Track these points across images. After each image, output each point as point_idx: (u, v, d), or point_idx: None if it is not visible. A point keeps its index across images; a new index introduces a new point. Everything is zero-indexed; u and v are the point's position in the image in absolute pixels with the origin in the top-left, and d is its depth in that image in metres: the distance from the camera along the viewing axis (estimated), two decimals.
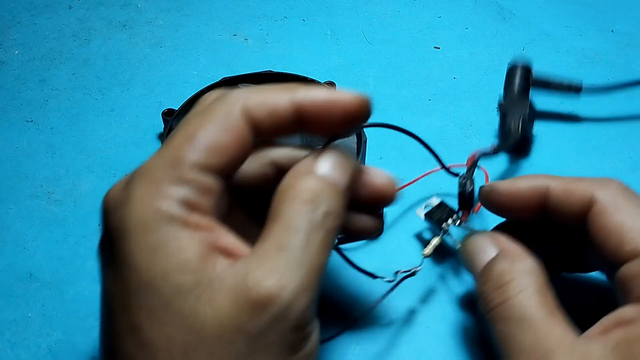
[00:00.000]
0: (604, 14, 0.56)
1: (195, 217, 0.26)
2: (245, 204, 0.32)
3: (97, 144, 0.47)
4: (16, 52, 0.54)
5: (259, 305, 0.24)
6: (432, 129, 0.48)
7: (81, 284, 0.39)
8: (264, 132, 0.28)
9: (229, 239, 0.26)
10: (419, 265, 0.34)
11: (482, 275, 0.32)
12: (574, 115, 0.49)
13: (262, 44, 0.55)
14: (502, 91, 0.48)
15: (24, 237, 0.41)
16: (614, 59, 0.53)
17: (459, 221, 0.37)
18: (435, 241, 0.36)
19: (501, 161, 0.46)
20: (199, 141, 0.26)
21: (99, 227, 0.41)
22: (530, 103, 0.45)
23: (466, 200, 0.37)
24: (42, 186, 0.44)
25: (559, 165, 0.45)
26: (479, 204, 0.36)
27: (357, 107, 0.28)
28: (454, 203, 0.38)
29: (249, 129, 0.27)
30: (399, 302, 0.38)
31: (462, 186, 0.37)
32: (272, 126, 0.28)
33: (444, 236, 0.37)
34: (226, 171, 0.27)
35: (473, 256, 0.33)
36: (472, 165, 0.38)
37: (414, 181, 0.41)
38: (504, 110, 0.45)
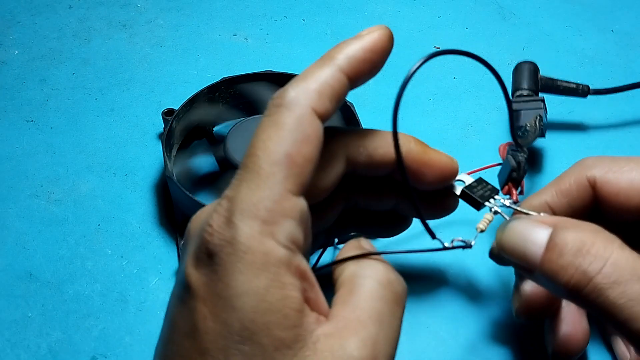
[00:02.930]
0: (604, 14, 0.56)
1: (297, 260, 0.24)
2: None
3: (97, 144, 0.47)
4: (16, 52, 0.54)
5: None
6: (432, 129, 0.48)
7: (81, 284, 0.39)
8: (331, 116, 0.26)
9: (315, 291, 0.25)
10: (473, 239, 0.31)
11: (550, 252, 0.27)
12: (579, 124, 0.49)
13: (262, 44, 0.55)
14: (503, 96, 0.48)
15: (24, 237, 0.41)
16: (614, 59, 0.53)
17: (509, 200, 0.32)
18: (489, 216, 0.32)
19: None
20: (292, 161, 0.25)
21: (99, 226, 0.41)
22: (543, 100, 0.43)
23: (520, 177, 0.33)
24: (42, 186, 0.44)
25: None
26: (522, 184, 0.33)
27: (389, 40, 0.29)
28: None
29: (321, 126, 0.26)
30: None
31: (520, 159, 0.33)
32: (337, 106, 0.27)
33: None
34: (312, 183, 0.26)
35: (523, 242, 0.28)
36: (518, 147, 0.34)
37: (475, 171, 0.37)
38: (515, 108, 0.43)
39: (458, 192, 0.34)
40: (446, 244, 0.30)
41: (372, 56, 0.28)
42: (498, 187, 0.34)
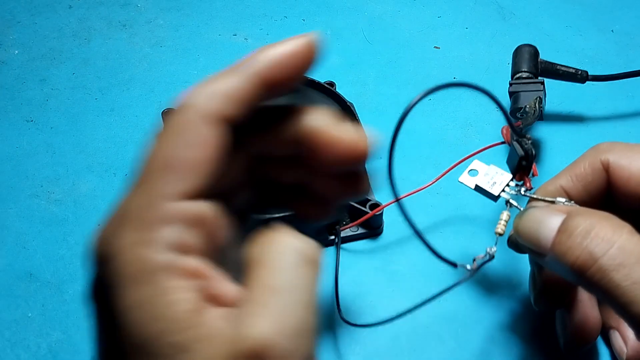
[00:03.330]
0: (604, 14, 0.56)
1: (188, 262, 0.24)
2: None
3: (97, 144, 0.47)
4: (16, 52, 0.54)
5: (256, 355, 0.22)
6: (432, 128, 0.48)
7: (81, 284, 0.39)
8: (237, 121, 0.26)
9: (222, 285, 0.25)
10: (494, 246, 0.31)
11: (561, 234, 0.28)
12: (579, 116, 0.49)
13: (262, 44, 0.54)
14: (504, 96, 0.48)
15: (24, 237, 0.41)
16: (614, 59, 0.53)
17: (523, 188, 0.33)
18: (505, 216, 0.32)
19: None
20: (172, 166, 0.24)
21: (99, 226, 0.41)
22: (543, 83, 0.43)
23: (530, 164, 0.33)
24: (42, 186, 0.44)
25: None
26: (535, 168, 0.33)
27: (311, 48, 0.27)
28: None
29: (218, 130, 0.25)
30: (399, 302, 0.38)
31: (527, 147, 0.33)
32: (244, 111, 0.26)
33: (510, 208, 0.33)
34: (209, 188, 0.25)
35: (538, 227, 0.29)
36: (520, 130, 0.34)
37: (477, 152, 0.39)
38: (515, 90, 0.43)
39: (470, 184, 0.34)
40: (469, 267, 0.31)
41: (289, 61, 0.27)
42: (509, 173, 0.33)
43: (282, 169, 0.30)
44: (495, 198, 0.33)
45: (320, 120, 0.28)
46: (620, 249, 0.26)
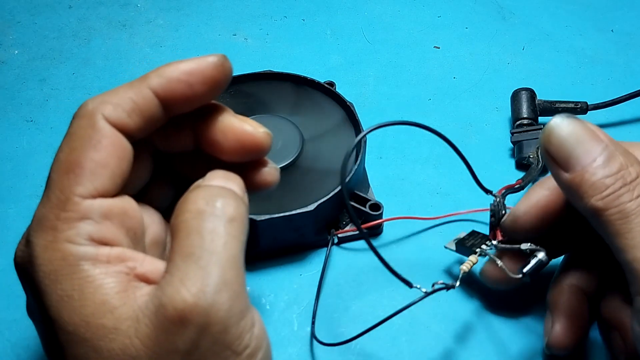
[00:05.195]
0: (604, 14, 0.56)
1: (105, 251, 0.25)
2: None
3: None
4: (16, 52, 0.54)
5: (180, 320, 0.23)
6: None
7: None
8: (137, 131, 0.27)
9: (147, 264, 0.26)
10: (457, 281, 0.33)
11: (603, 169, 0.28)
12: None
13: (262, 44, 0.55)
14: (503, 96, 0.48)
15: None
16: (614, 58, 0.53)
17: (495, 242, 0.35)
18: (473, 258, 0.35)
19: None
20: (80, 168, 0.26)
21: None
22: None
23: (497, 221, 0.35)
24: (42, 186, 0.43)
25: None
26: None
27: (217, 73, 0.27)
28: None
29: (121, 133, 0.27)
30: (399, 301, 0.38)
31: (495, 206, 0.35)
32: (142, 122, 0.27)
33: (480, 257, 0.35)
34: (120, 185, 0.27)
35: (575, 144, 0.29)
36: (504, 194, 0.36)
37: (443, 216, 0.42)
38: (517, 139, 0.45)
39: (453, 247, 0.37)
40: (425, 290, 0.32)
41: (190, 79, 0.27)
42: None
43: (190, 164, 0.31)
44: (471, 254, 0.35)
45: (219, 116, 0.29)
46: None
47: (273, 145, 0.35)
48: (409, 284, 0.32)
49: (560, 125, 0.29)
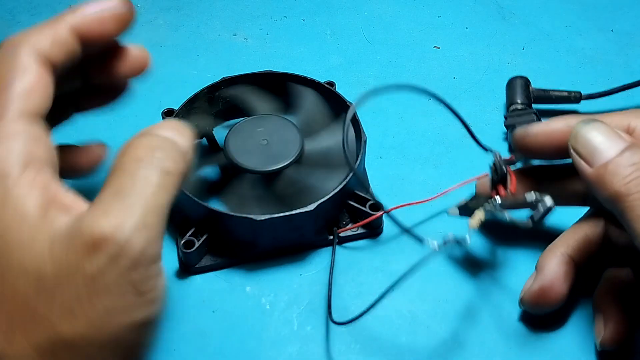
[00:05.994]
0: (604, 13, 0.56)
1: (31, 173, 0.27)
2: None
3: None
4: None
5: (93, 246, 0.25)
6: (432, 128, 0.48)
7: None
8: (58, 62, 0.30)
9: (68, 197, 0.27)
10: (467, 235, 0.34)
11: (625, 159, 0.31)
12: (574, 111, 0.49)
13: (262, 44, 0.55)
14: (503, 96, 0.48)
15: None
16: (614, 58, 0.53)
17: (500, 200, 0.35)
18: (479, 214, 0.35)
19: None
20: (10, 91, 0.28)
21: None
22: (536, 113, 0.45)
23: (498, 177, 0.36)
24: None
25: None
26: (514, 183, 0.36)
27: (125, 11, 0.33)
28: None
29: (44, 63, 0.29)
30: (399, 301, 0.38)
31: (496, 162, 0.36)
32: (63, 55, 0.30)
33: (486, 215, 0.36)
34: (44, 112, 0.29)
35: (600, 140, 0.32)
36: (513, 163, 0.38)
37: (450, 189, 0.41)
38: (511, 123, 0.45)
39: (456, 212, 0.38)
40: (436, 243, 0.34)
41: (102, 15, 0.32)
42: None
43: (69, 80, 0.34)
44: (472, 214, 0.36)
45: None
46: None
47: (273, 146, 0.36)
48: (420, 240, 0.34)
49: (586, 126, 0.33)
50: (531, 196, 0.34)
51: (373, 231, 0.41)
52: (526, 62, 0.53)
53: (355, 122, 0.42)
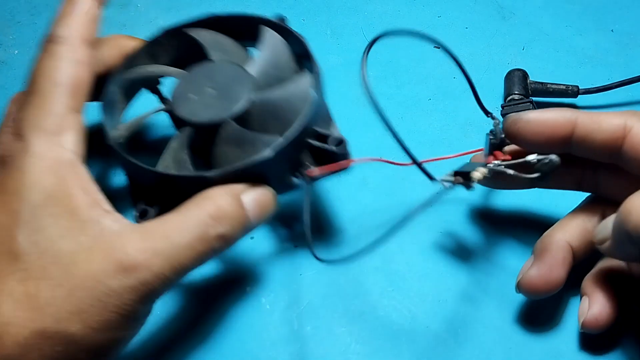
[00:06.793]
0: (604, 13, 0.56)
1: (82, 167, 0.31)
2: None
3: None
4: (16, 52, 0.54)
5: (124, 268, 0.28)
6: (432, 128, 0.48)
7: None
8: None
9: (104, 200, 0.31)
10: (472, 183, 0.35)
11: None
12: (571, 104, 0.49)
13: None
14: (502, 92, 0.48)
15: None
16: (614, 58, 0.53)
17: (497, 161, 0.36)
18: (483, 170, 0.35)
19: None
20: (64, 85, 0.31)
21: None
22: (532, 102, 0.45)
23: (497, 140, 0.36)
24: None
25: None
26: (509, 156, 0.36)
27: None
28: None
29: (90, 52, 0.34)
30: (398, 301, 0.38)
31: (495, 126, 0.37)
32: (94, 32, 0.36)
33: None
34: (84, 104, 0.33)
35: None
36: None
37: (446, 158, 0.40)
38: (506, 112, 0.45)
39: (448, 178, 0.36)
40: (446, 182, 0.35)
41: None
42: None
43: None
44: (469, 178, 0.35)
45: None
46: None
47: (223, 93, 0.36)
48: (430, 177, 0.34)
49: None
50: (533, 156, 0.33)
51: (341, 166, 0.36)
52: (526, 62, 0.52)
53: (309, 57, 0.39)
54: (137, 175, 0.35)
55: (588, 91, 0.48)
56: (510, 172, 0.34)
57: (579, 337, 0.37)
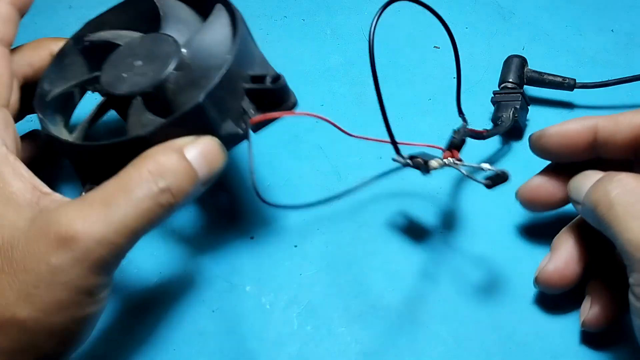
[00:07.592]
0: (604, 13, 0.56)
1: (12, 156, 0.30)
2: None
3: None
4: None
5: (63, 241, 0.27)
6: (432, 128, 0.48)
7: None
8: (11, 37, 0.37)
9: (42, 184, 0.30)
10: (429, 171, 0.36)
11: (594, 185, 0.32)
12: (568, 102, 0.49)
13: (262, 44, 0.54)
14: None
15: None
16: (614, 58, 0.53)
17: (453, 160, 0.37)
18: (438, 162, 0.36)
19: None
20: None
21: None
22: (523, 93, 0.46)
23: (457, 140, 0.38)
24: None
25: None
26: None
27: None
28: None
29: (6, 50, 0.35)
30: (398, 300, 0.38)
31: (461, 128, 0.38)
32: (13, 29, 0.37)
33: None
34: (9, 95, 0.33)
35: (582, 182, 0.34)
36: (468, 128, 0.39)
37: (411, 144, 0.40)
38: (497, 100, 0.46)
39: (402, 160, 0.37)
40: (403, 160, 0.36)
41: None
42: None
43: None
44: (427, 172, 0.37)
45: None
46: (629, 191, 0.30)
47: (148, 61, 0.36)
48: (398, 152, 0.36)
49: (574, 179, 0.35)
50: (486, 165, 0.34)
51: (283, 109, 0.35)
52: None
53: (228, 5, 0.38)
54: (69, 154, 0.36)
55: (585, 85, 0.48)
56: (463, 171, 0.35)
57: (578, 337, 0.37)
